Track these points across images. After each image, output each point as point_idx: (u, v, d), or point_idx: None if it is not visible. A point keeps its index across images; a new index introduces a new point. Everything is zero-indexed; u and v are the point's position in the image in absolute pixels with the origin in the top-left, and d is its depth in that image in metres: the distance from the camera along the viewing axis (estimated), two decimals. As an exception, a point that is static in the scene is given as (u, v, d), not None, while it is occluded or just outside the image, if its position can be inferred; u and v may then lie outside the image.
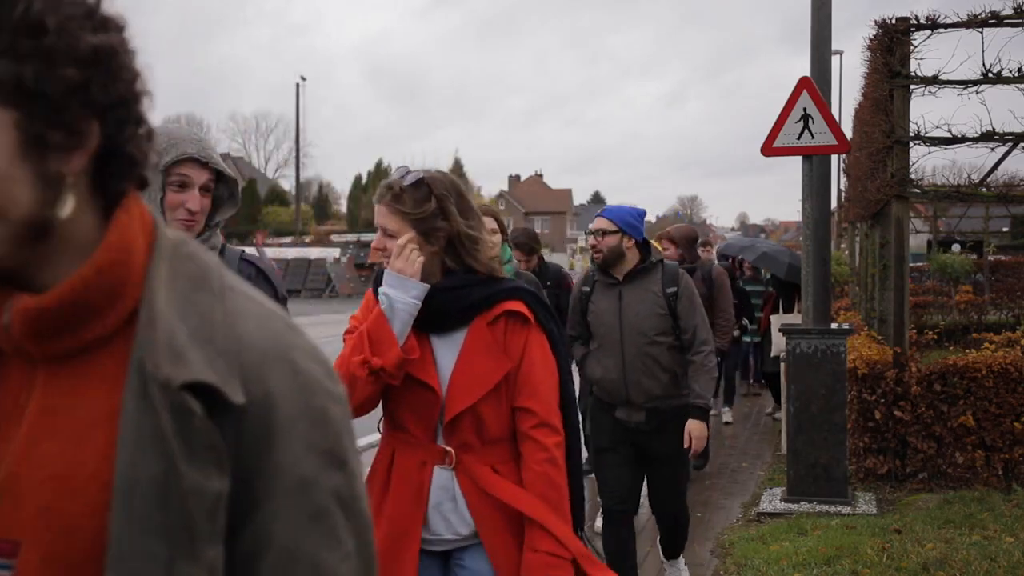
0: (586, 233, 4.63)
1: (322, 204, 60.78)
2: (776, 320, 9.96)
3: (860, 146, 10.01)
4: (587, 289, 4.67)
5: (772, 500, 6.71)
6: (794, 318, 9.91)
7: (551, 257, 14.94)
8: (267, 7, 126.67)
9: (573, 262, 60.94)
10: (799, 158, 6.73)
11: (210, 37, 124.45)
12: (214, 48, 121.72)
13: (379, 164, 46.90)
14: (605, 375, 4.56)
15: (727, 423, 10.09)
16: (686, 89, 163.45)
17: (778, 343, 9.84)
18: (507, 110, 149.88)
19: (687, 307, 4.45)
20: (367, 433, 2.85)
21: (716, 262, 10.33)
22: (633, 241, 4.49)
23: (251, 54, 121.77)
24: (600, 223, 4.50)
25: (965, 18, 6.90)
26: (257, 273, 2.60)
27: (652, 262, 4.54)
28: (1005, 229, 28.05)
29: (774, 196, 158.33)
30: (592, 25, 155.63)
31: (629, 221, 4.46)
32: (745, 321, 10.19)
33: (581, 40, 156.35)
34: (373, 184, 46.45)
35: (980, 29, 6.86)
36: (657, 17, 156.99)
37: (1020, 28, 6.86)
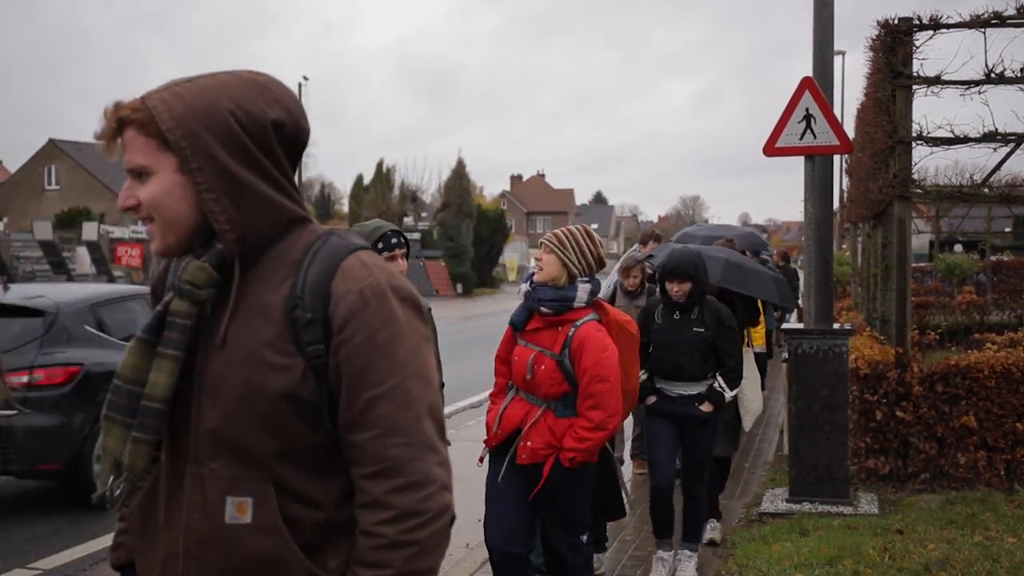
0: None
1: (324, 204, 60.99)
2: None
3: (862, 146, 10.01)
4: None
5: (774, 500, 6.70)
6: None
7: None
8: (302, 4, 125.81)
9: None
10: (803, 158, 6.73)
11: (245, 35, 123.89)
12: (247, 46, 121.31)
13: (379, 165, 46.59)
14: None
15: (712, 542, 5.88)
16: (719, 88, 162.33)
17: (751, 407, 5.99)
18: (536, 110, 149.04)
19: None
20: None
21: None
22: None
23: (284, 53, 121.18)
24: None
25: (968, 18, 6.89)
26: None
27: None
28: (1007, 229, 28.06)
29: (779, 196, 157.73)
30: (633, 23, 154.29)
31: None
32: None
33: (621, 39, 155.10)
34: (374, 184, 46.22)
35: (983, 29, 6.86)
36: (701, 16, 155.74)
37: (1023, 28, 6.86)
